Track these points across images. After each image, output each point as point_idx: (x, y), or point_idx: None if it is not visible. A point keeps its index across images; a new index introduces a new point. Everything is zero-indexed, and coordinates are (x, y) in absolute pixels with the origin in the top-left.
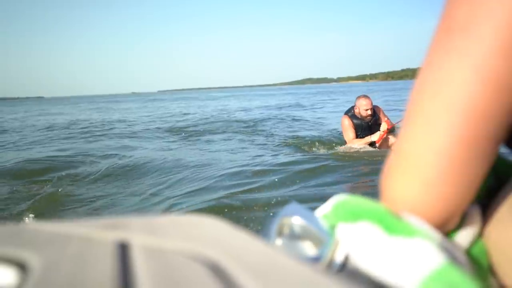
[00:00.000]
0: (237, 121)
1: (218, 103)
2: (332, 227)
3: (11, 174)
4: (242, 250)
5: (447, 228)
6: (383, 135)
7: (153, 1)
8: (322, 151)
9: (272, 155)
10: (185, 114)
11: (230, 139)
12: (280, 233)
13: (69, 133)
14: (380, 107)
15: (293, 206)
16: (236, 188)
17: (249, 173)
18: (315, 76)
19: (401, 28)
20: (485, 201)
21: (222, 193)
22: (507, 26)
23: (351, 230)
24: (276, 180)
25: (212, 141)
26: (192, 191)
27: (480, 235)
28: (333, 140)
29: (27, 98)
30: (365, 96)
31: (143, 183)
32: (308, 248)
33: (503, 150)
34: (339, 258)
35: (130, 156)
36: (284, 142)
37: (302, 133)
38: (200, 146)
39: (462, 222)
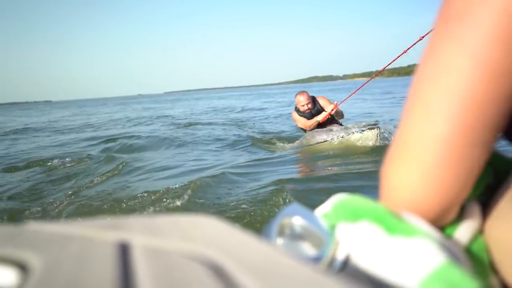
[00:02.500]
0: (227, 118)
1: (218, 102)
2: (332, 227)
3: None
4: (243, 250)
5: (447, 219)
6: (327, 115)
7: (156, 3)
8: (281, 144)
9: (234, 149)
10: (185, 113)
11: (214, 131)
12: (280, 233)
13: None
14: (323, 96)
15: (294, 206)
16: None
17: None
18: (320, 74)
19: (406, 24)
20: (484, 198)
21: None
22: (502, 13)
23: (352, 230)
24: (223, 169)
25: (196, 133)
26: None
27: (480, 231)
28: (294, 137)
29: (36, 102)
30: (301, 93)
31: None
32: (309, 248)
33: (502, 143)
34: (339, 258)
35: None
36: (253, 138)
37: (274, 130)
38: (184, 137)
39: (461, 218)
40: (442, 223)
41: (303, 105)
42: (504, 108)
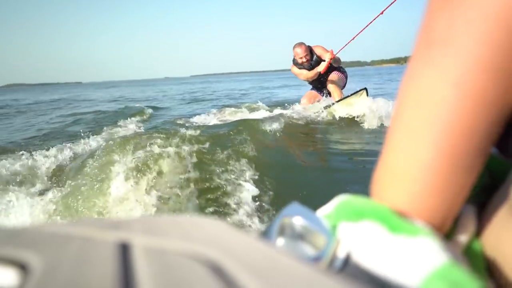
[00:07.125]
0: (231, 96)
1: (233, 85)
2: (334, 227)
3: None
4: (243, 250)
5: (439, 233)
6: (327, 64)
7: None
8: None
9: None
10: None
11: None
12: (281, 233)
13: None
14: (318, 45)
15: (295, 206)
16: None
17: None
18: (348, 60)
19: None
20: (480, 198)
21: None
22: (487, 40)
23: (354, 229)
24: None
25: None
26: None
27: (476, 235)
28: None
29: (66, 83)
30: (299, 44)
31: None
32: (310, 248)
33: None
34: (340, 257)
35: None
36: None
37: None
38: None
39: (457, 221)
40: None
41: (301, 57)
42: (491, 133)
